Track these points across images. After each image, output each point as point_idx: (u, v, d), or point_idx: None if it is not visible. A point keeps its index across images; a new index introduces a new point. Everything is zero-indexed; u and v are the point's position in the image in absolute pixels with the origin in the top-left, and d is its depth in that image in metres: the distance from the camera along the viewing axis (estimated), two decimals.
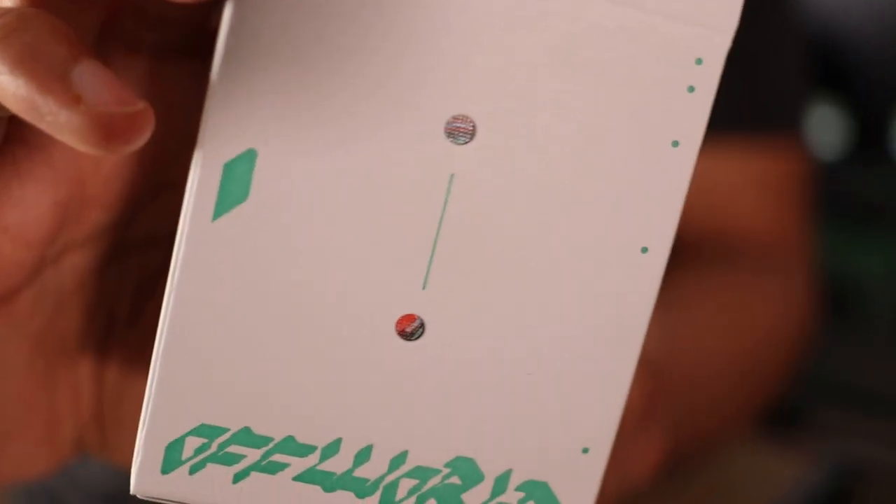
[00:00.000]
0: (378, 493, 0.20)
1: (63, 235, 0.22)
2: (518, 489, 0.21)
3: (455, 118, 0.18)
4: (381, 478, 0.20)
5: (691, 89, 0.19)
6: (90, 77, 0.17)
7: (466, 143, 0.18)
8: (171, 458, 0.20)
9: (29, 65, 0.17)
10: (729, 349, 0.47)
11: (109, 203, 0.22)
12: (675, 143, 0.19)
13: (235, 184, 0.18)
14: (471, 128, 0.18)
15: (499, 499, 0.21)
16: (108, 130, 0.17)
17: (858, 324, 1.17)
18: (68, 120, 0.17)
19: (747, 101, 0.53)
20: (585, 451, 0.21)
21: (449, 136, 0.18)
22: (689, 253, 0.52)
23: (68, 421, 0.24)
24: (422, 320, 0.20)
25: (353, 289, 0.19)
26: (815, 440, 1.05)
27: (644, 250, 0.19)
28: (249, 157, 0.18)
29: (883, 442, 1.02)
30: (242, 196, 0.19)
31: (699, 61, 0.18)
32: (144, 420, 0.20)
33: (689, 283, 0.47)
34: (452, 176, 0.19)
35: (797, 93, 0.56)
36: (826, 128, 1.24)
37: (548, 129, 0.19)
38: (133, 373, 0.24)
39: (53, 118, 0.17)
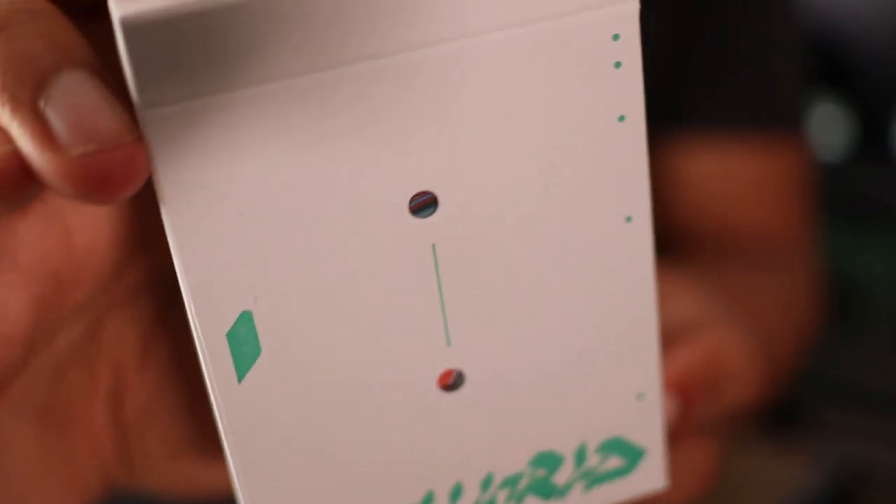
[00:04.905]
0: None
1: (46, 322, 0.21)
2: (597, 451, 0.22)
3: (416, 195, 0.19)
4: (478, 500, 0.22)
5: (618, 65, 0.19)
6: (64, 99, 0.14)
7: (434, 212, 0.19)
8: None
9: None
10: None
11: (89, 279, 0.21)
12: (622, 118, 0.20)
13: (245, 345, 0.19)
14: (432, 198, 0.19)
15: (584, 467, 0.22)
16: (89, 179, 0.14)
17: (859, 324, 1.17)
18: (42, 165, 0.14)
19: (747, 100, 0.53)
20: (641, 396, 0.22)
21: (415, 214, 0.19)
22: (692, 250, 0.52)
23: (89, 466, 0.23)
24: (458, 370, 0.21)
25: (390, 372, 0.20)
26: (816, 440, 1.05)
27: (629, 219, 0.20)
28: (246, 318, 0.19)
29: (884, 442, 1.02)
30: (257, 352, 0.19)
31: (616, 37, 0.19)
32: None
33: None
34: (434, 245, 0.20)
35: (797, 91, 0.56)
36: (828, 127, 1.24)
37: (501, 159, 0.19)
38: (154, 408, 0.24)
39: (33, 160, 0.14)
